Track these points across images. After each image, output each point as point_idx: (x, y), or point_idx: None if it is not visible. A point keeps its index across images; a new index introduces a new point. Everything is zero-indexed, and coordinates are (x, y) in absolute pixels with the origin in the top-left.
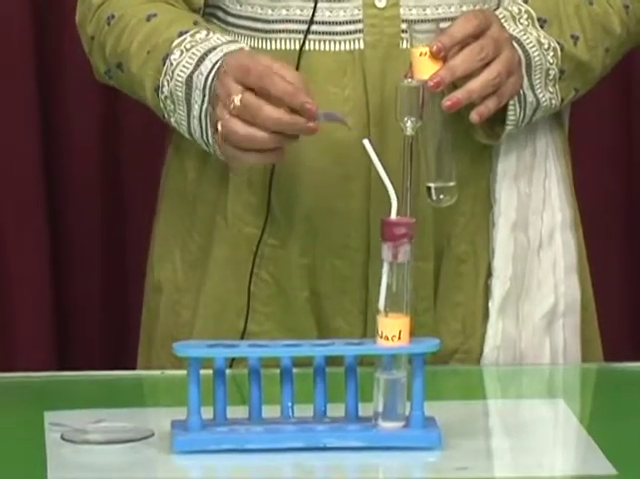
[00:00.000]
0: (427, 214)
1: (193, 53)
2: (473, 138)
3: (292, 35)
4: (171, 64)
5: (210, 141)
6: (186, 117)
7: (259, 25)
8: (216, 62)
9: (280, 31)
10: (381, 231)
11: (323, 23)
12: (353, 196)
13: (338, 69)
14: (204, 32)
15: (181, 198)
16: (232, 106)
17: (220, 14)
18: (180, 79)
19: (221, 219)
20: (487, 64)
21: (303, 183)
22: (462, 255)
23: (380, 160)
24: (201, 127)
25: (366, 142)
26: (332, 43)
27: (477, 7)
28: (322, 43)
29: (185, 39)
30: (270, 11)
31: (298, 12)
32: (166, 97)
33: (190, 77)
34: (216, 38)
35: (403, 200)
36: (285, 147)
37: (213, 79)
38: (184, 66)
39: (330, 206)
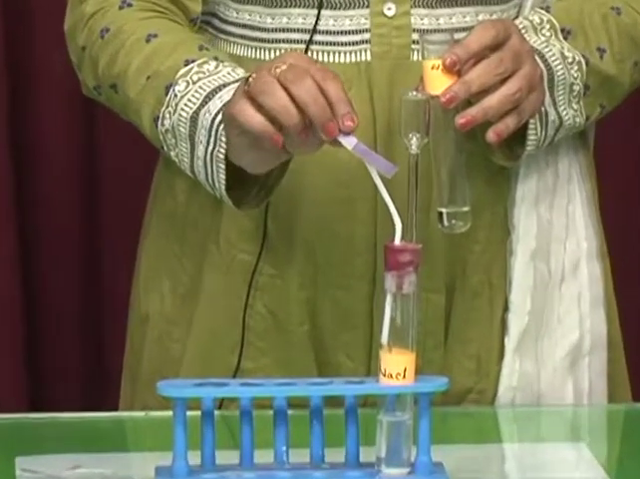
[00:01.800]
0: (439, 241)
1: (200, 87)
2: (489, 159)
3: (293, 45)
4: (175, 96)
5: (216, 184)
6: (189, 155)
7: (258, 34)
8: (227, 102)
9: (280, 41)
10: (384, 258)
11: (327, 33)
12: (357, 220)
13: (344, 82)
14: (213, 63)
15: (170, 221)
16: (278, 70)
17: (216, 22)
18: (184, 114)
19: (213, 245)
20: (506, 79)
21: (303, 206)
22: (476, 287)
23: (388, 180)
24: (206, 169)
25: (370, 166)
26: (337, 54)
27: (494, 16)
28: (326, 54)
29: (192, 69)
30: (270, 19)
31: (300, 20)
32: (167, 130)
33: (196, 114)
34: (226, 73)
35: (409, 224)
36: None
37: (221, 121)
38: (190, 100)
39: (332, 231)
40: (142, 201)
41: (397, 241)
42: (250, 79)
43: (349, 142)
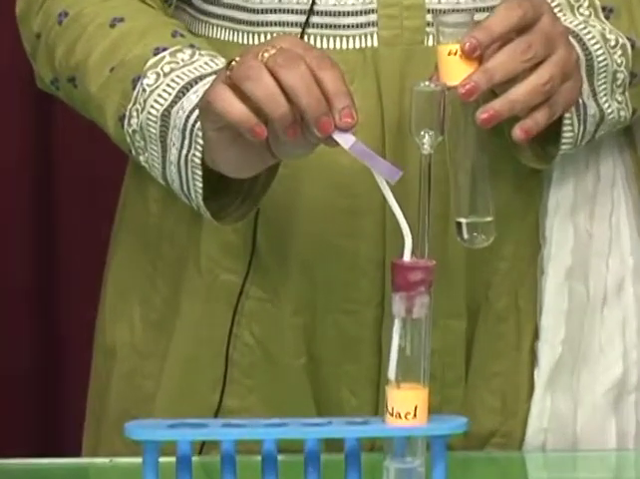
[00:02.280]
0: (457, 257)
1: (173, 80)
2: (517, 161)
3: (287, 28)
4: (143, 90)
5: (192, 193)
6: (160, 160)
7: (244, 16)
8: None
9: (271, 23)
10: (392, 277)
11: (326, 14)
12: (363, 235)
13: (346, 72)
14: (188, 52)
15: (142, 236)
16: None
17: (196, 1)
18: (154, 112)
19: (192, 263)
20: (536, 66)
21: (298, 218)
22: (502, 312)
23: (398, 186)
24: (180, 176)
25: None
26: (338, 39)
27: None
28: (325, 39)
29: (163, 59)
30: None
31: None
32: (134, 131)
33: (168, 111)
34: (203, 63)
35: (421, 237)
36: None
37: (197, 120)
38: (160, 96)
39: (333, 247)
40: (108, 211)
41: (406, 257)
42: (233, 63)
43: (345, 140)
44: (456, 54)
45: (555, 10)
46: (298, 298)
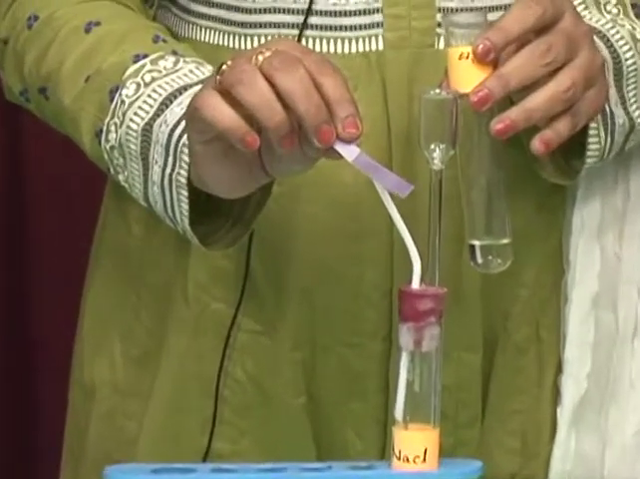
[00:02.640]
0: (472, 284)
1: (154, 91)
2: (537, 176)
3: (283, 30)
4: (122, 102)
5: (177, 216)
6: (141, 179)
7: (237, 16)
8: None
9: (266, 25)
10: (399, 306)
11: (326, 14)
12: (368, 260)
13: (348, 78)
14: (171, 59)
15: (122, 261)
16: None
17: (182, 1)
18: (135, 126)
19: (179, 292)
20: (556, 71)
21: (297, 241)
22: (522, 343)
23: (406, 206)
24: (164, 197)
25: (377, 184)
26: (339, 42)
27: None
28: (325, 42)
29: (143, 67)
30: None
31: None
32: (113, 147)
33: (150, 125)
34: (188, 71)
35: (431, 261)
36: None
37: (182, 134)
38: (141, 108)
39: (335, 274)
40: (85, 233)
41: (415, 284)
42: (224, 67)
43: (349, 152)
44: (467, 58)
45: (579, 8)
46: (297, 330)
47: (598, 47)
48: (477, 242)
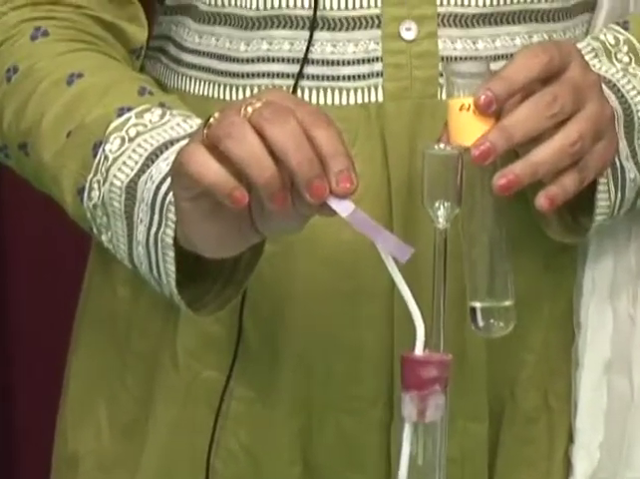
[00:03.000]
0: (479, 350)
1: (140, 145)
2: (544, 234)
3: (276, 81)
4: (105, 158)
5: (163, 278)
6: (126, 239)
7: (228, 66)
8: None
9: (258, 75)
10: (401, 373)
11: (323, 63)
12: (368, 323)
13: (346, 131)
14: (157, 111)
15: (108, 326)
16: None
17: (171, 49)
18: (119, 183)
19: (168, 358)
20: (563, 122)
21: (292, 303)
22: (531, 412)
23: (408, 266)
24: (149, 258)
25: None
26: (336, 93)
27: (555, 37)
28: (321, 93)
29: (128, 120)
30: (244, 45)
31: (286, 46)
32: (95, 206)
33: (134, 182)
34: (175, 124)
35: (435, 326)
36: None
37: (168, 192)
38: (125, 164)
39: (333, 337)
40: (68, 295)
41: (418, 350)
42: (212, 120)
43: (343, 208)
44: (469, 109)
45: (588, 56)
46: (293, 397)
47: (608, 97)
48: (478, 305)
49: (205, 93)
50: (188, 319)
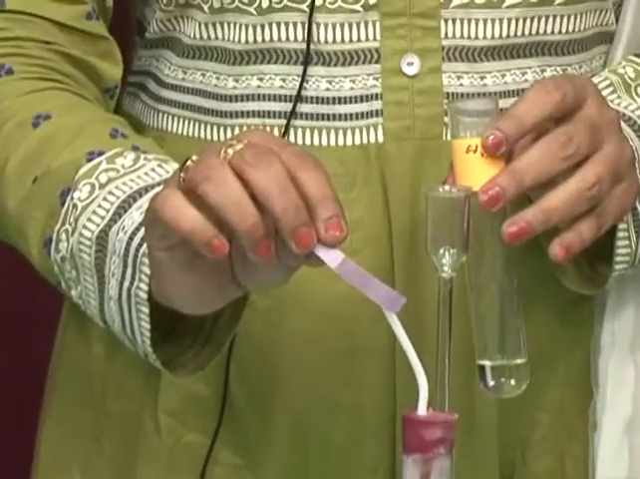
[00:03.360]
0: (488, 409)
1: (111, 193)
2: (560, 284)
3: (267, 120)
4: (74, 207)
5: (137, 337)
6: (96, 295)
7: (213, 104)
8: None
9: (247, 114)
10: (402, 434)
11: (318, 100)
12: (367, 382)
13: (343, 175)
14: (130, 155)
15: (83, 385)
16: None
17: (151, 86)
18: (88, 234)
19: (149, 420)
20: (578, 165)
21: (284, 361)
22: (544, 476)
23: (411, 319)
24: (122, 315)
25: None
26: (333, 133)
27: (569, 71)
28: (316, 133)
29: (99, 166)
30: (232, 82)
31: (277, 83)
32: (64, 258)
33: (105, 232)
34: (150, 169)
35: (440, 383)
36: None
37: (141, 243)
38: (95, 213)
39: (329, 399)
40: (39, 354)
41: (421, 410)
42: (189, 163)
43: (332, 258)
44: (476, 151)
45: (606, 92)
46: (285, 465)
47: (627, 136)
48: (487, 363)
49: (189, 133)
50: (170, 378)
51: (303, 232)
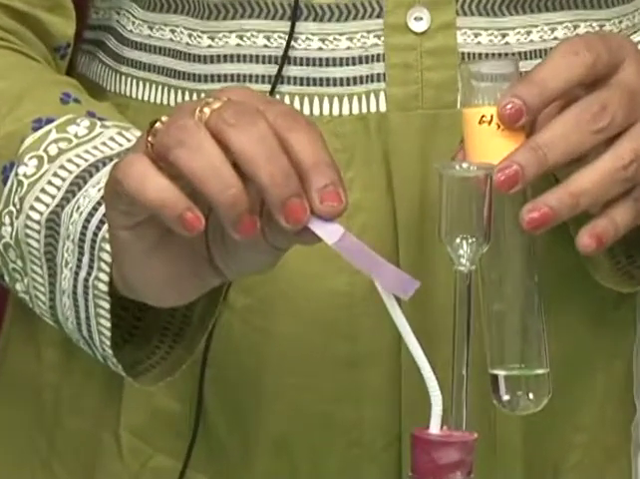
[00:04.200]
0: (512, 428)
1: (63, 167)
2: (594, 282)
3: (248, 85)
4: (19, 185)
5: (95, 337)
6: (47, 289)
7: (186, 66)
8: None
9: (225, 77)
10: (411, 455)
11: (309, 62)
12: (368, 396)
13: (338, 151)
14: (84, 122)
15: (30, 398)
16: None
17: (111, 43)
18: (36, 216)
19: (109, 440)
20: (613, 139)
21: (270, 372)
22: None
23: (421, 319)
24: (77, 311)
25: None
26: (326, 101)
27: (606, 29)
28: (306, 101)
29: (48, 135)
30: (207, 39)
31: (261, 41)
32: (7, 245)
33: (56, 214)
34: (109, 138)
35: (456, 397)
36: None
37: (100, 226)
38: (45, 191)
39: (323, 416)
40: None
41: (434, 428)
42: (158, 125)
43: (329, 233)
44: (491, 122)
45: None
46: None
47: None
48: (501, 372)
49: (156, 99)
50: (135, 391)
51: (294, 203)
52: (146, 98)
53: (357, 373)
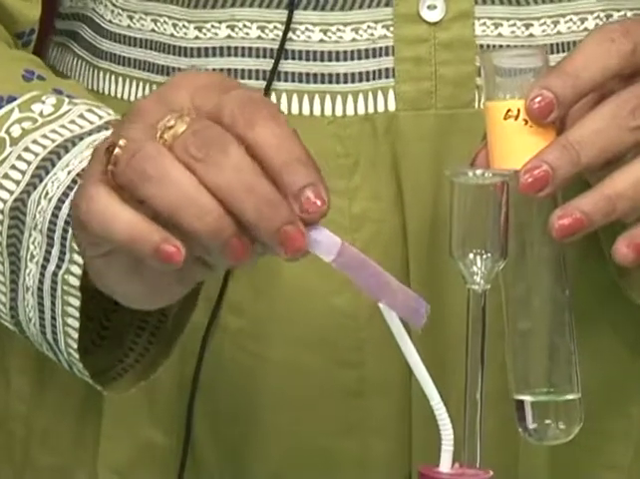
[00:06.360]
0: (535, 463)
1: (27, 149)
2: (625, 297)
3: (241, 82)
4: None
5: (60, 339)
6: (7, 287)
7: (169, 60)
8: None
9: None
10: None
11: (308, 56)
12: (373, 429)
13: (342, 156)
14: (50, 99)
15: None
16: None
17: (86, 35)
18: None
19: (84, 476)
20: None
21: (266, 402)
22: None
23: (430, 344)
24: (42, 311)
25: (384, 307)
26: (328, 99)
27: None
28: (305, 99)
29: (10, 114)
30: (194, 31)
31: (255, 32)
32: None
33: (21, 202)
34: (78, 115)
35: (469, 430)
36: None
37: (70, 212)
38: (8, 176)
39: (325, 452)
40: None
41: (445, 465)
42: (117, 151)
43: (326, 246)
44: (517, 117)
45: None
46: None
47: None
48: (528, 398)
49: (137, 98)
50: (116, 422)
51: (289, 231)
52: (125, 96)
53: (362, 404)
